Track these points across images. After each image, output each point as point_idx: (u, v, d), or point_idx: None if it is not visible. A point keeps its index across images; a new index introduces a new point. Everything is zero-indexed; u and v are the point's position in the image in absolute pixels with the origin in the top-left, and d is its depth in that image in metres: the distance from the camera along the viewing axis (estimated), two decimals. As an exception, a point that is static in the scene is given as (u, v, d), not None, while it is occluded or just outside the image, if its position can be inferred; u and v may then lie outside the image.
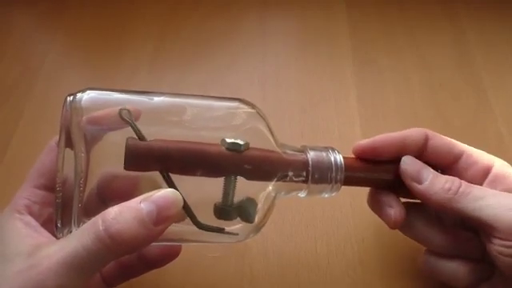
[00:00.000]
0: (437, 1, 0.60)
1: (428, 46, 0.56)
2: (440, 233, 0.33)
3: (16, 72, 0.54)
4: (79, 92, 0.29)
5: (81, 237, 0.26)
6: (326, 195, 0.33)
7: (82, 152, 0.28)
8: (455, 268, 0.33)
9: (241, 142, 0.29)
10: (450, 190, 0.31)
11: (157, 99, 0.31)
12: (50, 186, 0.30)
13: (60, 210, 0.28)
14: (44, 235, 0.29)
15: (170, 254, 0.34)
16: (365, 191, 0.36)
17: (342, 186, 0.33)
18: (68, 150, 0.28)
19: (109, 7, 0.60)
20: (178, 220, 0.30)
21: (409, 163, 0.33)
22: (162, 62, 0.55)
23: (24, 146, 0.47)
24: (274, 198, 0.32)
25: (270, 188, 0.31)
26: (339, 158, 0.32)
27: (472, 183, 0.32)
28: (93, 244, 0.25)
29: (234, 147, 0.29)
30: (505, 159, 0.35)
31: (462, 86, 0.52)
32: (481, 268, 0.33)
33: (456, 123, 0.49)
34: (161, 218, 0.26)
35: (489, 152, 0.35)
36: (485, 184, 0.33)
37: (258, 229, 0.32)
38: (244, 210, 0.30)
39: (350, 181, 0.33)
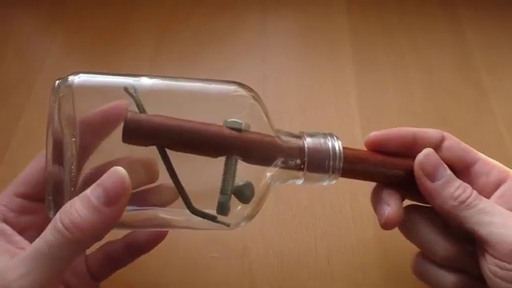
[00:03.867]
0: (437, 1, 0.61)
1: (428, 46, 0.56)
2: (443, 242, 0.32)
3: (16, 73, 0.54)
4: (70, 75, 0.28)
5: (44, 233, 0.26)
6: (324, 183, 0.32)
7: (72, 136, 0.27)
8: (444, 277, 0.32)
9: (240, 121, 0.29)
10: (458, 197, 0.30)
11: (151, 81, 0.30)
12: (30, 195, 0.30)
13: (52, 203, 0.28)
14: (18, 245, 0.29)
15: (156, 238, 0.34)
16: (365, 192, 0.35)
17: (345, 178, 0.32)
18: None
19: (109, 9, 0.61)
20: (167, 203, 0.30)
21: (428, 156, 0.31)
22: (162, 63, 0.55)
23: (24, 147, 0.47)
24: (269, 184, 0.31)
25: (267, 174, 0.31)
26: (338, 144, 0.31)
27: (481, 193, 0.31)
28: (53, 237, 0.25)
29: (233, 125, 0.29)
30: (505, 159, 0.34)
31: (462, 86, 0.53)
32: (471, 283, 0.32)
33: (456, 123, 0.49)
34: (110, 199, 0.26)
35: (489, 152, 0.34)
36: (493, 197, 0.32)
37: (251, 217, 0.31)
38: (241, 192, 0.30)
39: (350, 172, 0.32)
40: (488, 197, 0.32)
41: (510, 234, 0.28)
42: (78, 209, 0.25)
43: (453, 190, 0.31)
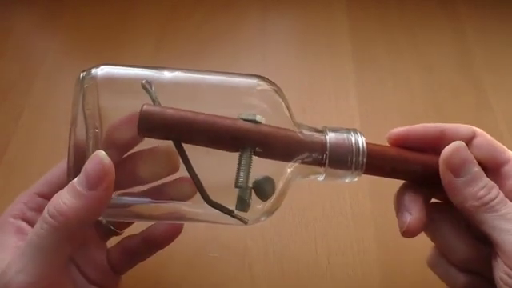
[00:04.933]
0: (437, 0, 0.60)
1: (428, 45, 0.56)
2: (463, 245, 0.31)
3: (16, 70, 0.54)
4: (93, 67, 0.29)
5: (35, 226, 0.27)
6: (347, 180, 0.31)
7: (95, 127, 0.28)
8: (457, 276, 0.31)
9: (254, 114, 0.28)
10: (481, 198, 0.29)
11: (173, 74, 0.31)
12: (51, 197, 0.30)
13: None
14: None
15: (172, 234, 0.35)
16: (365, 192, 0.35)
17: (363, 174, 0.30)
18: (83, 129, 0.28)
19: (108, 6, 0.60)
20: (187, 197, 0.30)
21: (455, 150, 0.29)
22: (162, 61, 0.55)
23: (24, 145, 0.47)
24: (290, 180, 0.30)
25: (288, 170, 0.30)
26: (361, 140, 0.30)
27: (508, 195, 0.29)
28: (41, 228, 0.26)
29: (249, 118, 0.28)
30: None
31: (461, 85, 0.53)
32: (481, 285, 0.31)
33: (455, 121, 0.49)
34: (91, 182, 0.26)
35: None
36: None
37: (271, 212, 0.31)
38: (260, 187, 0.29)
39: (373, 168, 0.30)
40: None
41: None
42: (63, 197, 0.26)
43: (477, 189, 0.29)
